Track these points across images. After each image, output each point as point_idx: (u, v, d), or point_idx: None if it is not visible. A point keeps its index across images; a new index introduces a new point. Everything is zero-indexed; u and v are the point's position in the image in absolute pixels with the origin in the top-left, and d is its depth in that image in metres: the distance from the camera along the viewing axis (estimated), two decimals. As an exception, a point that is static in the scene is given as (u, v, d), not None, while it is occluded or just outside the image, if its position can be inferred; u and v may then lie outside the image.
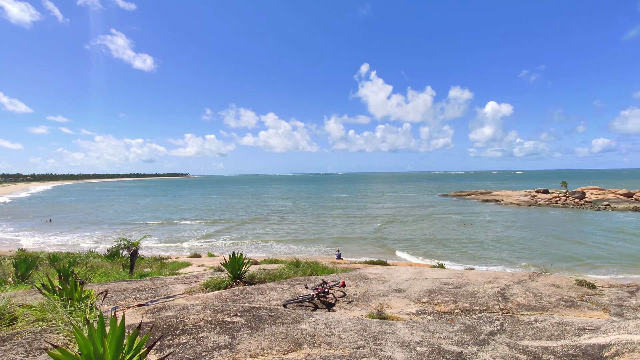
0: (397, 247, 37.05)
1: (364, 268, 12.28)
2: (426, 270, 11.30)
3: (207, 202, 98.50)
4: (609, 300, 6.49)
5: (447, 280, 8.58)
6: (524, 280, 8.35)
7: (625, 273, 26.69)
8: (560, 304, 5.89)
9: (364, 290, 7.85)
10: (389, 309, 6.55)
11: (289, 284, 8.43)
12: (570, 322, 4.67)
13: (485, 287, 7.30)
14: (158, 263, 24.12)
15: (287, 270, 10.85)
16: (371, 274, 10.04)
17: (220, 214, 68.81)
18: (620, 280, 22.05)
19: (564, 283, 8.16)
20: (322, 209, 76.53)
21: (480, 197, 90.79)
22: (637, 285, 8.66)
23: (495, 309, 5.88)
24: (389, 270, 11.13)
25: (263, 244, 40.02)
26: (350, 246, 38.11)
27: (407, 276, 9.55)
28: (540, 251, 34.20)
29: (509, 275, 9.57)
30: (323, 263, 15.23)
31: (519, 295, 6.45)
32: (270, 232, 47.92)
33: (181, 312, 6.08)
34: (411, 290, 7.70)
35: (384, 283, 8.51)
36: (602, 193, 78.23)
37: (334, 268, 12.21)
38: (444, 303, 6.47)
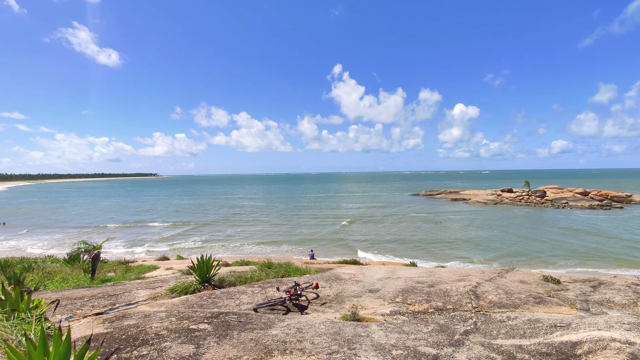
0: (368, 247, 37.36)
1: (337, 268, 12.16)
2: (399, 269, 11.31)
3: (176, 203, 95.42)
4: (575, 295, 6.67)
5: (420, 279, 8.58)
6: (494, 277, 8.50)
7: (582, 267, 28.21)
8: (530, 300, 5.98)
9: (338, 291, 7.69)
10: (363, 310, 6.42)
11: (261, 286, 8.14)
12: (541, 319, 4.71)
13: (457, 285, 7.34)
14: (123, 267, 22.97)
15: (259, 272, 10.52)
16: (345, 274, 9.92)
17: (191, 215, 66.81)
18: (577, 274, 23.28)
19: (531, 279, 8.37)
20: (295, 209, 76.11)
21: (450, 197, 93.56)
22: (598, 280, 9.03)
23: (468, 307, 5.89)
24: (362, 270, 11.05)
25: (235, 245, 39.17)
26: (322, 246, 38.04)
27: (380, 276, 9.50)
28: (506, 248, 35.57)
29: (479, 272, 9.73)
30: (296, 264, 14.99)
31: (491, 292, 6.51)
32: (242, 233, 47.02)
33: (143, 321, 5.66)
34: (385, 290, 7.62)
35: (357, 283, 8.39)
36: (561, 192, 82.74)
37: (307, 269, 12.01)
38: (418, 302, 6.42)
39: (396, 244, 38.24)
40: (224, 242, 41.32)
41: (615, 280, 8.04)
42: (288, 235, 44.99)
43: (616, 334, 3.46)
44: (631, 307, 5.49)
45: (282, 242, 40.46)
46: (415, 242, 39.25)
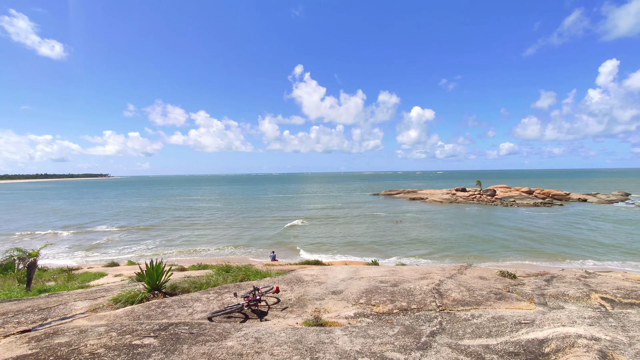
0: (329, 247, 37.40)
1: (299, 269, 11.80)
2: (362, 268, 11.18)
3: (128, 205, 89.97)
4: (531, 289, 6.84)
5: (383, 278, 8.46)
6: (454, 274, 8.58)
7: (530, 260, 30.09)
8: (492, 297, 6.01)
9: (300, 294, 7.34)
10: (326, 313, 6.12)
11: (217, 292, 7.58)
12: (505, 316, 4.68)
13: (420, 283, 7.27)
14: (65, 275, 21.00)
15: (216, 276, 9.90)
16: (307, 275, 9.59)
17: (144, 218, 63.20)
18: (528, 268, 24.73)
19: (489, 275, 8.55)
20: (255, 210, 74.66)
21: (408, 196, 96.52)
22: (549, 274, 9.44)
23: (433, 306, 5.79)
24: (325, 270, 10.79)
25: (192, 249, 37.47)
26: (282, 247, 37.50)
27: (343, 276, 9.28)
28: (462, 245, 37.15)
29: (439, 269, 9.83)
30: (257, 267, 14.42)
31: (454, 290, 6.48)
32: (199, 236, 45.17)
33: (77, 338, 4.95)
34: (348, 291, 7.38)
35: (320, 285, 8.10)
36: (509, 191, 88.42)
37: (268, 271, 11.52)
38: (382, 303, 6.24)
39: (358, 243, 38.58)
40: (180, 245, 39.42)
41: (565, 273, 8.40)
42: (248, 237, 43.89)
43: (580, 329, 3.44)
44: (585, 299, 5.67)
45: (242, 245, 39.37)
46: (377, 240, 39.86)
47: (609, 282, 6.82)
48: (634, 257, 30.88)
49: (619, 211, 62.83)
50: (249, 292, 6.71)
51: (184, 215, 66.31)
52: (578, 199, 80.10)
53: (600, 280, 7.17)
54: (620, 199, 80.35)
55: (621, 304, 5.37)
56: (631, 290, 5.86)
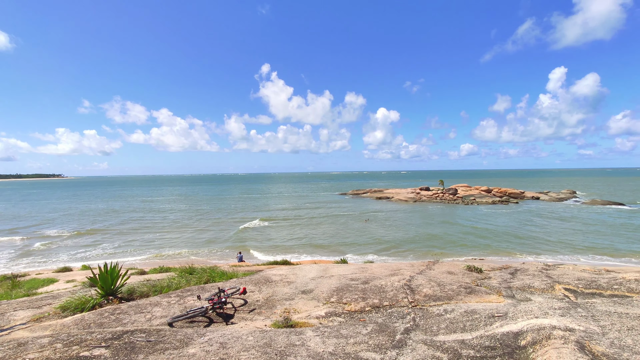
0: (297, 246, 37.14)
1: (267, 270, 11.45)
2: (332, 267, 11.03)
3: (83, 207, 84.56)
4: (498, 283, 6.96)
5: (354, 276, 8.33)
6: (423, 270, 8.62)
7: (493, 255, 31.47)
8: (462, 291, 6.03)
9: (268, 294, 7.03)
10: (296, 314, 5.86)
11: (179, 295, 7.10)
12: (477, 309, 4.66)
13: (391, 280, 7.20)
14: (9, 282, 19.20)
15: (178, 279, 9.33)
16: (275, 275, 9.28)
17: (100, 221, 59.61)
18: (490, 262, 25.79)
19: (457, 270, 8.67)
20: (221, 211, 72.75)
21: (375, 195, 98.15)
22: (513, 267, 9.75)
23: (405, 302, 5.70)
24: (294, 270, 10.52)
25: (153, 252, 35.76)
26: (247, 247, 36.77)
27: (313, 275, 9.06)
28: (428, 241, 38.19)
29: (409, 265, 9.87)
30: (222, 268, 13.87)
31: (425, 286, 6.45)
32: (161, 238, 43.25)
33: (14, 352, 4.37)
34: (319, 290, 7.17)
35: (289, 285, 7.82)
36: (470, 190, 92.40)
37: (234, 272, 11.06)
38: (354, 301, 6.08)
39: (326, 242, 38.58)
40: (140, 248, 37.49)
41: (528, 266, 8.69)
42: (213, 238, 42.59)
43: (554, 320, 3.45)
44: (549, 291, 5.83)
45: (207, 246, 38.13)
46: (346, 239, 40.07)
47: (569, 274, 7.09)
48: (582, 252, 33.15)
49: (567, 208, 67.44)
50: (213, 294, 6.31)
51: (144, 217, 63.31)
52: (532, 197, 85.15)
53: (560, 272, 7.45)
54: (568, 196, 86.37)
55: (583, 294, 5.55)
56: (591, 281, 6.11)
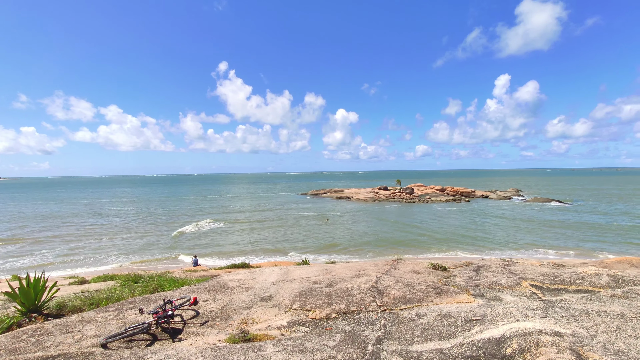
0: (258, 248, 36.12)
1: (224, 274, 10.66)
2: (293, 269, 10.46)
3: (17, 210, 76.71)
4: (464, 281, 6.81)
5: (317, 279, 7.85)
6: (389, 270, 8.34)
7: (452, 252, 32.56)
8: (431, 292, 5.76)
9: (224, 303, 6.33)
10: (255, 324, 5.25)
11: (118, 309, 6.18)
12: (451, 312, 4.35)
13: (357, 282, 6.80)
14: None
15: (121, 289, 8.28)
16: (232, 280, 8.55)
17: (35, 226, 54.23)
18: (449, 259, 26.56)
19: (421, 268, 8.49)
20: (175, 213, 69.25)
21: (335, 195, 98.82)
22: (472, 264, 9.79)
23: (373, 306, 5.30)
24: (253, 273, 9.84)
25: (100, 258, 32.97)
26: (207, 250, 35.14)
27: (274, 279, 8.46)
28: (388, 239, 38.79)
29: (372, 265, 9.57)
30: (175, 274, 12.81)
31: (393, 287, 6.10)
32: (108, 244, 40.12)
33: None
34: (280, 295, 6.59)
35: (248, 291, 7.16)
36: (425, 189, 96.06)
37: (187, 278, 10.15)
38: (319, 307, 5.58)
39: (288, 243, 37.87)
40: (85, 255, 34.43)
41: (490, 263, 8.71)
42: (166, 242, 40.24)
43: (536, 324, 3.19)
44: (517, 288, 5.73)
45: (159, 250, 35.88)
46: (307, 239, 39.61)
47: (530, 270, 7.11)
48: (527, 247, 35.34)
49: (513, 205, 72.13)
50: (159, 306, 5.51)
51: (93, 220, 58.59)
52: (482, 196, 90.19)
53: (521, 268, 7.47)
54: (514, 195, 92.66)
55: (550, 290, 5.50)
56: (554, 277, 6.11)
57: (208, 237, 42.25)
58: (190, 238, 41.58)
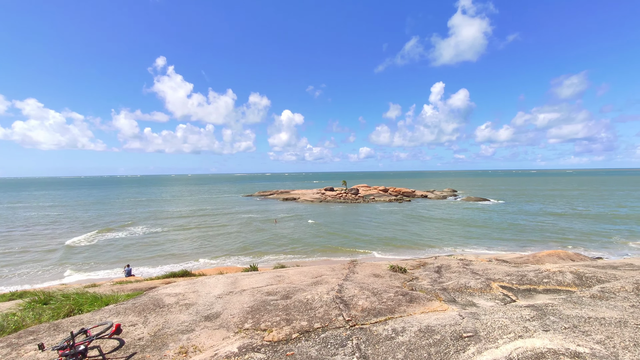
0: (203, 252, 33.88)
1: (161, 287, 9.26)
2: (242, 277, 9.41)
3: None
4: (429, 284, 6.40)
5: (271, 288, 6.95)
6: (348, 274, 7.71)
7: (389, 250, 33.24)
8: (401, 300, 5.19)
9: (158, 327, 5.18)
10: (197, 354, 4.25)
11: (11, 345, 4.74)
12: (432, 326, 3.78)
13: (318, 291, 6.04)
14: None
15: (23, 312, 6.63)
16: (170, 295, 7.32)
17: None
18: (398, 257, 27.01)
19: (382, 271, 8.00)
20: (103, 217, 63.11)
21: (281, 196, 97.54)
22: (428, 264, 9.56)
23: (340, 321, 4.58)
24: (195, 284, 8.63)
25: (9, 271, 28.44)
26: (142, 258, 32.12)
27: (220, 290, 7.39)
28: (334, 239, 38.68)
29: (329, 269, 8.90)
30: (101, 289, 11.00)
31: (359, 296, 5.44)
32: (24, 255, 34.96)
33: None
34: (228, 312, 5.60)
35: (188, 308, 6.04)
36: (369, 189, 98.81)
37: (113, 294, 8.60)
38: (276, 326, 4.72)
39: (235, 246, 36.02)
40: (-10, 267, 29.50)
41: (447, 262, 8.50)
42: (94, 250, 36.13)
43: (545, 340, 2.72)
44: (488, 291, 5.41)
45: (85, 260, 32.00)
46: (254, 242, 38.07)
47: (492, 269, 6.94)
48: (466, 243, 37.47)
49: (450, 204, 76.87)
50: (67, 339, 4.25)
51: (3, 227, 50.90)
52: (421, 195, 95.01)
53: (482, 267, 7.29)
54: (450, 194, 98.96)
55: (520, 292, 5.24)
56: (521, 276, 5.93)
57: (144, 243, 38.75)
58: (124, 246, 37.78)
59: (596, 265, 7.92)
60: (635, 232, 40.87)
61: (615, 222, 48.04)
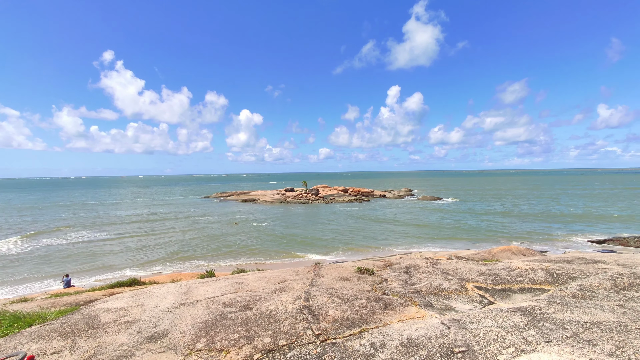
0: (155, 258, 31.73)
1: (101, 300, 8.12)
2: (195, 285, 8.52)
3: None
4: (400, 286, 6.02)
5: (229, 298, 6.22)
6: (314, 279, 7.16)
7: (350, 249, 33.26)
8: (375, 306, 4.73)
9: (87, 354, 4.29)
10: (136, 387, 3.48)
11: None
12: (416, 338, 3.33)
13: (282, 300, 5.42)
14: None
15: None
16: (109, 310, 6.33)
17: None
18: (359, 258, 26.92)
19: (348, 274, 7.54)
20: (38, 222, 57.59)
21: (240, 198, 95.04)
22: (394, 264, 9.29)
23: (309, 335, 4.01)
24: (141, 296, 7.63)
25: None
26: (84, 266, 29.42)
27: (169, 303, 6.52)
28: (297, 240, 38.04)
29: (292, 273, 8.30)
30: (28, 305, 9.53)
31: (328, 305, 4.89)
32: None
33: None
34: (177, 330, 4.81)
35: (129, 327, 5.15)
36: (329, 189, 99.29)
37: (41, 312, 7.35)
38: (234, 345, 4.05)
39: (190, 251, 34.12)
40: None
41: (415, 262, 8.24)
42: (26, 258, 32.55)
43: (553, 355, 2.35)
44: (463, 292, 5.12)
45: (15, 270, 28.67)
46: (212, 246, 36.34)
47: (462, 268, 6.73)
48: (423, 240, 38.49)
49: (407, 203, 79.22)
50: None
51: None
52: (380, 195, 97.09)
53: (451, 267, 7.08)
54: (407, 194, 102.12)
55: (496, 292, 5.01)
56: (493, 275, 5.74)
57: (88, 250, 35.59)
58: (64, 254, 34.40)
59: (557, 260, 8.05)
60: (570, 228, 44.39)
61: (553, 220, 51.95)
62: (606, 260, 8.50)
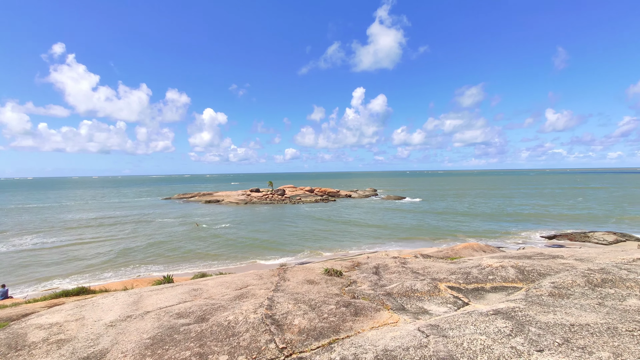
0: (108, 265, 29.63)
1: (35, 315, 7.14)
2: (148, 294, 7.73)
3: None
4: (370, 288, 5.70)
5: (183, 308, 5.59)
6: (278, 283, 6.69)
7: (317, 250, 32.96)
8: (345, 313, 4.34)
9: (3, 384, 3.56)
10: None
11: None
12: (392, 349, 2.97)
13: (242, 308, 4.89)
14: None
15: None
16: (41, 327, 5.49)
17: None
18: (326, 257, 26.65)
19: (316, 276, 7.14)
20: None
21: (204, 199, 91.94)
22: (362, 264, 9.01)
23: (272, 350, 3.54)
24: (83, 308, 6.78)
25: None
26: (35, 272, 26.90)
27: (115, 315, 5.77)
28: (262, 242, 37.11)
29: (256, 277, 7.76)
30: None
31: (294, 313, 4.44)
32: None
33: None
34: (119, 349, 4.16)
35: (61, 347, 4.41)
36: (296, 190, 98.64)
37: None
38: (186, 364, 3.50)
39: (150, 256, 32.17)
40: None
41: (384, 262, 8.00)
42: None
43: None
44: (436, 293, 4.87)
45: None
46: (173, 249, 34.55)
47: (432, 267, 6.55)
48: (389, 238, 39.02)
49: (372, 203, 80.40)
50: None
51: None
52: (346, 195, 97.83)
53: (420, 266, 6.88)
54: (372, 194, 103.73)
55: (469, 291, 4.81)
56: (465, 274, 5.56)
57: (31, 257, 32.58)
58: (4, 265, 31.26)
59: (519, 256, 8.13)
60: (523, 226, 46.97)
61: (508, 217, 54.77)
62: (564, 255, 8.74)
